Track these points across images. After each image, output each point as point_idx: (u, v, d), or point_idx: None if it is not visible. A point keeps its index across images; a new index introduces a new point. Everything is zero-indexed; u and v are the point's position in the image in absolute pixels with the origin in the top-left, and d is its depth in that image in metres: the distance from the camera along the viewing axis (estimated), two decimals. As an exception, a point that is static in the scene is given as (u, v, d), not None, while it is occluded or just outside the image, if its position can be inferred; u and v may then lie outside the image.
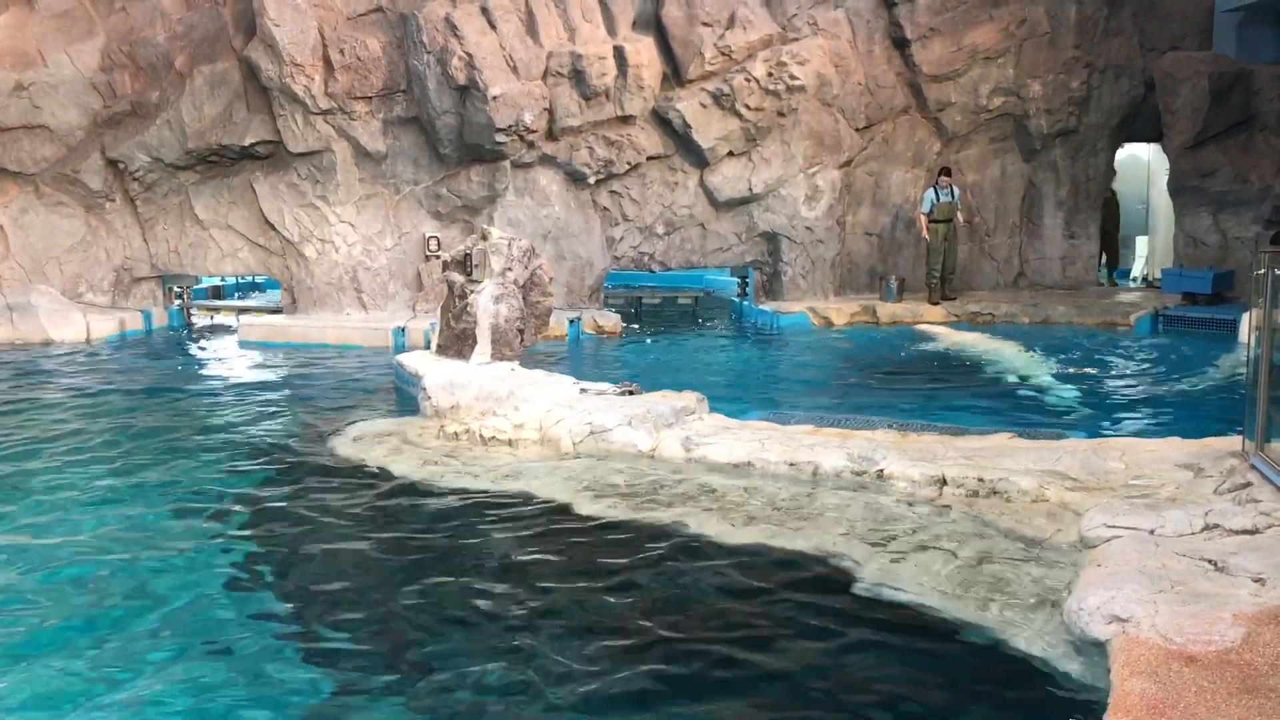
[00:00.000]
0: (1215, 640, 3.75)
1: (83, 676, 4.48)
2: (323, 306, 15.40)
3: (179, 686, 4.39)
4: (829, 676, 4.41)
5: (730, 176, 15.86)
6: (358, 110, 14.86)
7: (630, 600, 5.18)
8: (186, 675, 4.49)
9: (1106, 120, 16.97)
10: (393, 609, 5.16)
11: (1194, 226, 16.11)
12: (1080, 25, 16.50)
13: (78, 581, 5.57)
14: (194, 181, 15.49)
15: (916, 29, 16.13)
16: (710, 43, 15.11)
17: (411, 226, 15.45)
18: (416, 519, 6.54)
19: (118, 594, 5.41)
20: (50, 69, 15.00)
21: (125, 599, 5.34)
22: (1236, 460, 6.03)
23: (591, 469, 7.31)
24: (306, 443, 8.62)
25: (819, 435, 7.54)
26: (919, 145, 16.91)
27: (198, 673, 4.52)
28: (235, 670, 4.55)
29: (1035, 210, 17.42)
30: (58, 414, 9.73)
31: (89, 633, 4.92)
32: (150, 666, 4.57)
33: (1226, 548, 4.73)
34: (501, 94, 14.16)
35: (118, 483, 7.41)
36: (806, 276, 16.38)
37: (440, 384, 8.97)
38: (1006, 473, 6.36)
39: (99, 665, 4.59)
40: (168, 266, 15.93)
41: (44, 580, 5.58)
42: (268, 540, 6.25)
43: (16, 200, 15.35)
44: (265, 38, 14.47)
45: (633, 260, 16.19)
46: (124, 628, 4.98)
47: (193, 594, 5.42)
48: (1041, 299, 16.02)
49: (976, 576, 5.18)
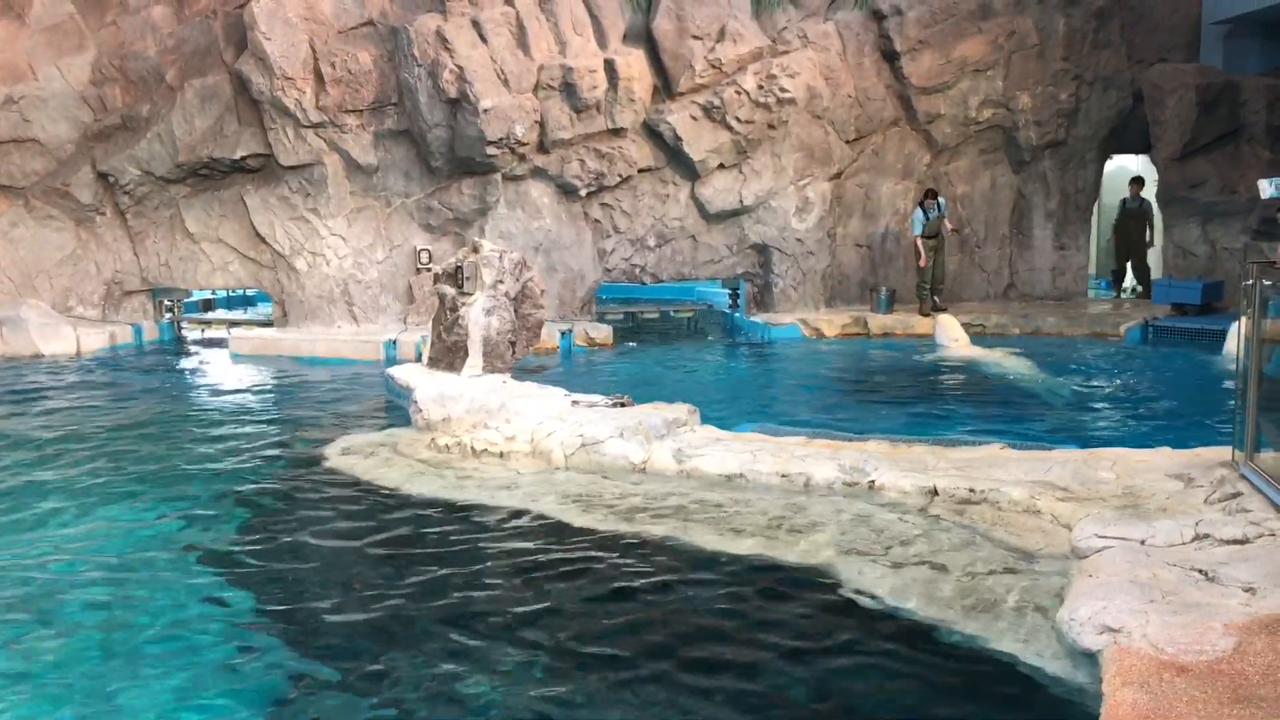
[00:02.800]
0: (1206, 650, 3.75)
1: (66, 689, 4.46)
2: (314, 319, 15.38)
3: (163, 697, 4.37)
4: (821, 687, 4.41)
5: (721, 189, 15.89)
6: (349, 123, 14.86)
7: (622, 613, 5.17)
8: (171, 686, 4.47)
9: (1095, 132, 17.05)
10: (381, 621, 5.14)
11: (1183, 237, 16.21)
12: (1069, 37, 16.60)
13: (64, 592, 5.53)
14: (185, 195, 15.47)
15: (906, 41, 16.21)
16: (701, 55, 15.16)
17: (403, 239, 15.45)
18: (407, 531, 6.52)
19: (104, 605, 5.37)
20: (41, 82, 14.98)
21: (111, 611, 5.30)
22: (1226, 470, 6.05)
23: (583, 481, 7.30)
24: (297, 455, 8.60)
25: (811, 446, 7.55)
26: (909, 157, 16.97)
27: (183, 685, 4.49)
28: (221, 682, 4.53)
29: (1025, 221, 17.48)
30: (44, 427, 9.69)
31: (74, 644, 4.89)
32: (134, 679, 4.54)
33: (1217, 557, 4.74)
34: (492, 107, 14.19)
35: (106, 495, 7.37)
36: (797, 288, 16.41)
37: (431, 396, 8.96)
38: (998, 483, 6.37)
39: (84, 678, 4.56)
40: (158, 280, 15.90)
41: (31, 592, 5.54)
42: (257, 552, 6.22)
43: (6, 214, 15.31)
44: (256, 51, 14.47)
45: (624, 272, 16.21)
46: (109, 639, 4.95)
47: (180, 606, 5.39)
48: (1032, 310, 16.07)
49: (967, 587, 5.19)
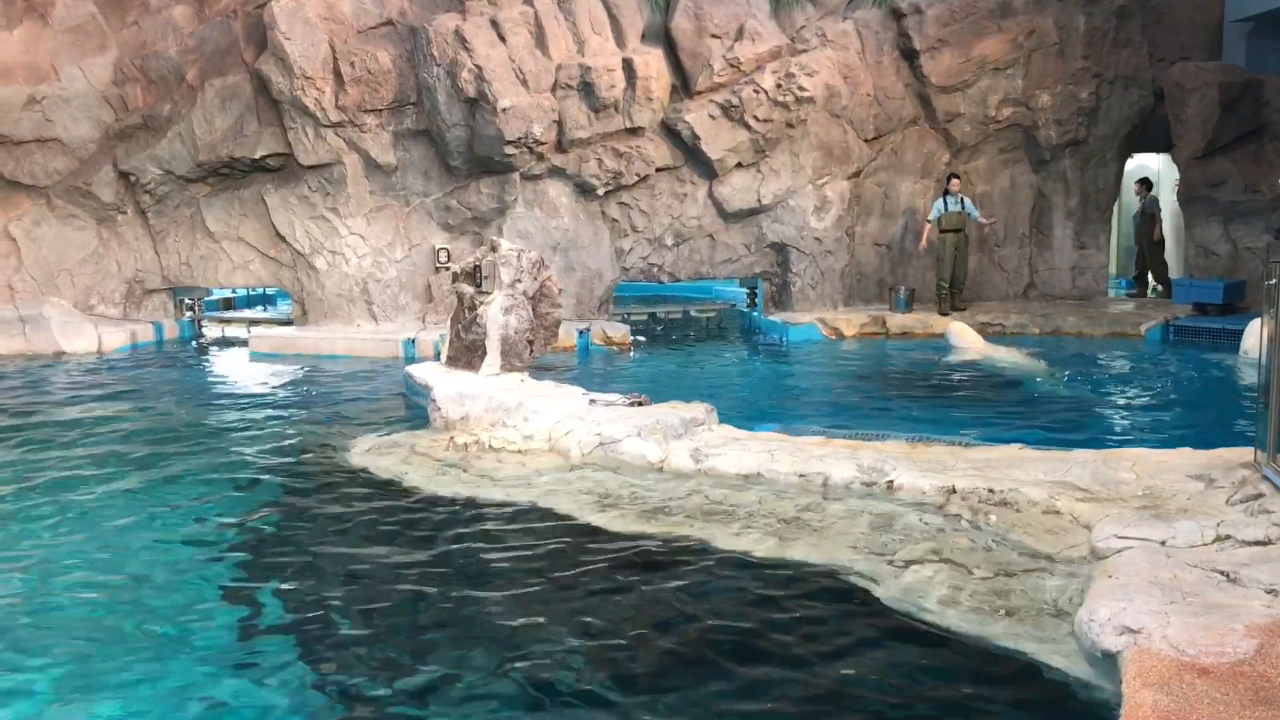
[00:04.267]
0: (1228, 652, 3.73)
1: (85, 686, 4.49)
2: (333, 318, 15.45)
3: (185, 696, 4.40)
4: (839, 688, 4.40)
5: (739, 188, 15.88)
6: (368, 123, 14.92)
7: (640, 612, 5.18)
8: (192, 684, 4.50)
9: (1116, 131, 16.95)
10: (401, 618, 5.17)
11: (1204, 237, 16.10)
12: (1089, 36, 16.49)
13: (82, 590, 5.58)
14: (205, 194, 15.57)
15: (925, 40, 16.14)
16: (719, 54, 15.14)
17: (421, 238, 15.49)
18: (426, 529, 6.54)
19: (125, 602, 5.42)
20: (63, 83, 15.10)
21: (132, 607, 5.35)
22: (1248, 471, 6.00)
23: (600, 480, 7.31)
24: (317, 453, 8.64)
25: (829, 446, 7.53)
26: (928, 156, 16.90)
27: (204, 682, 4.53)
28: (242, 680, 4.56)
29: (1045, 221, 17.39)
30: (67, 424, 9.76)
31: (94, 640, 4.94)
32: (154, 676, 4.58)
33: (1238, 559, 4.71)
34: (511, 106, 14.21)
35: (128, 492, 7.44)
36: (815, 287, 16.38)
37: (450, 395, 8.99)
38: (1017, 484, 6.34)
39: (104, 673, 4.60)
40: (179, 279, 16.01)
41: (52, 588, 5.60)
42: (278, 549, 6.27)
43: (29, 213, 15.45)
44: (276, 51, 14.55)
45: (642, 271, 16.21)
46: (130, 636, 4.99)
47: (202, 602, 5.43)
48: (1051, 309, 15.97)
49: (986, 587, 5.17)
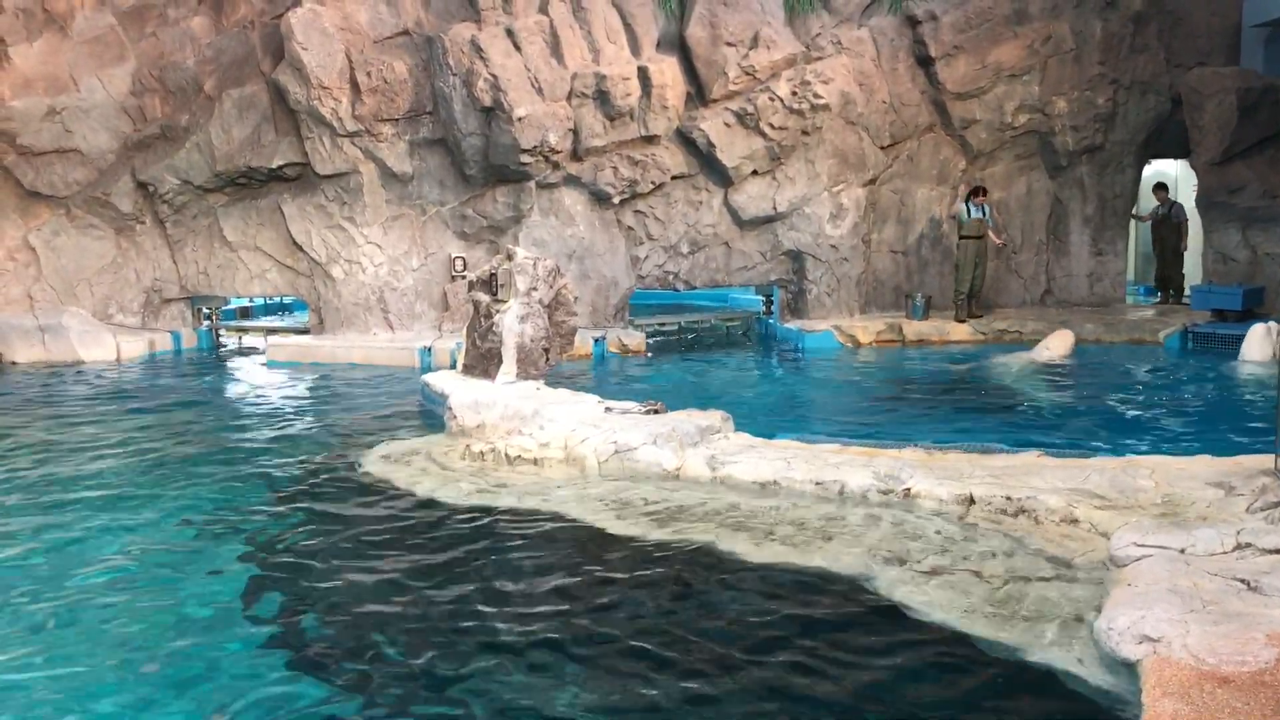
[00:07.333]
0: (1248, 661, 3.70)
1: (101, 691, 4.52)
2: (349, 327, 15.51)
3: (197, 704, 4.42)
4: (857, 696, 4.39)
5: (754, 195, 15.88)
6: (384, 132, 14.99)
7: (656, 620, 5.17)
8: (205, 692, 4.52)
9: (1133, 136, 16.89)
10: (417, 626, 5.17)
11: (1222, 242, 16.01)
12: (1105, 42, 16.45)
13: (98, 597, 5.61)
14: (223, 203, 15.67)
15: (940, 47, 16.13)
16: (734, 62, 15.16)
17: (437, 247, 15.54)
18: (442, 537, 6.55)
19: (138, 609, 5.44)
20: (82, 94, 15.22)
21: (146, 614, 5.36)
22: (1268, 478, 5.96)
23: (617, 488, 7.31)
24: (333, 461, 8.66)
25: (845, 454, 7.51)
26: (944, 163, 16.88)
27: (216, 691, 4.54)
28: (255, 688, 4.57)
29: (1061, 227, 17.34)
30: (85, 433, 9.83)
31: (104, 648, 4.95)
32: (167, 682, 4.60)
33: (1259, 567, 4.67)
34: (526, 115, 14.25)
35: (143, 499, 7.48)
36: (832, 294, 16.36)
37: (466, 403, 9.01)
38: (1034, 491, 6.31)
39: (115, 677, 4.62)
40: (197, 288, 16.11)
41: (67, 591, 5.63)
42: (294, 558, 6.28)
43: (48, 223, 15.57)
44: (293, 61, 14.63)
45: (657, 279, 16.22)
46: (143, 643, 5.01)
47: (215, 611, 5.45)
48: (1069, 316, 15.91)
49: (1004, 595, 5.15)
